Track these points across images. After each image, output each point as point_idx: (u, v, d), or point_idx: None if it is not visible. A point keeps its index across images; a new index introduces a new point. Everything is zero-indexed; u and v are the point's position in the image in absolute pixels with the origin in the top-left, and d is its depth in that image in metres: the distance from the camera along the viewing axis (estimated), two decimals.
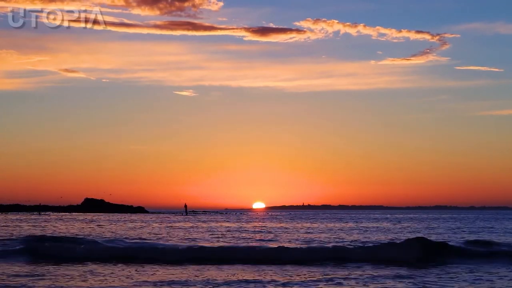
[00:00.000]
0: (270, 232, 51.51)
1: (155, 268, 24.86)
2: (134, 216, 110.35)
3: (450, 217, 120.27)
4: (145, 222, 76.49)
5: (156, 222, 76.91)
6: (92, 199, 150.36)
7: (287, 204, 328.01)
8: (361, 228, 61.94)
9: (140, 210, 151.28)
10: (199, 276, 22.44)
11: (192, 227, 63.38)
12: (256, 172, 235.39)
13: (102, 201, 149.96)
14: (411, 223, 78.34)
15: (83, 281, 21.16)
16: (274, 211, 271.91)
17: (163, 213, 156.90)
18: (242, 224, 72.62)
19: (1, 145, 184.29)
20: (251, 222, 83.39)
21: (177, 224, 70.90)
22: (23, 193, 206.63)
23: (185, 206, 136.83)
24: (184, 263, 26.18)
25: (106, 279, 21.62)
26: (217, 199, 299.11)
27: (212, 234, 48.17)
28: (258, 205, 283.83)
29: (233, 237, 44.98)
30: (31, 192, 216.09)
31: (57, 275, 22.42)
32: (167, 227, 62.72)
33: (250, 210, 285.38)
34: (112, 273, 23.23)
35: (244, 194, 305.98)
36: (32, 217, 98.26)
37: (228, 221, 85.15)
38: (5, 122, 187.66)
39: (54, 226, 61.00)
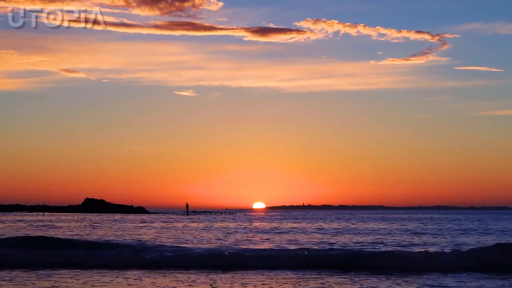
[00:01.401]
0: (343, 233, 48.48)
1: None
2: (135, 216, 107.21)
3: (480, 217, 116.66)
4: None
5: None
6: (92, 199, 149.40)
7: (287, 204, 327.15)
8: (414, 230, 56.75)
9: (140, 210, 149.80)
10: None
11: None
12: (256, 172, 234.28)
13: (102, 201, 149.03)
14: (450, 224, 73.83)
15: None
16: (275, 211, 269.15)
17: (164, 213, 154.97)
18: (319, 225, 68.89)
19: (1, 145, 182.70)
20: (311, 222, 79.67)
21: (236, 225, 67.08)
22: (23, 193, 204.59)
23: (187, 205, 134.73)
24: None
25: None
26: (217, 199, 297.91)
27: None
28: (258, 205, 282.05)
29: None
30: (32, 192, 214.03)
31: None
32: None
33: (250, 210, 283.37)
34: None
35: (244, 194, 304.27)
36: (24, 218, 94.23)
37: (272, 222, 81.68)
38: (5, 122, 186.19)
39: (48, 227, 57.28)
